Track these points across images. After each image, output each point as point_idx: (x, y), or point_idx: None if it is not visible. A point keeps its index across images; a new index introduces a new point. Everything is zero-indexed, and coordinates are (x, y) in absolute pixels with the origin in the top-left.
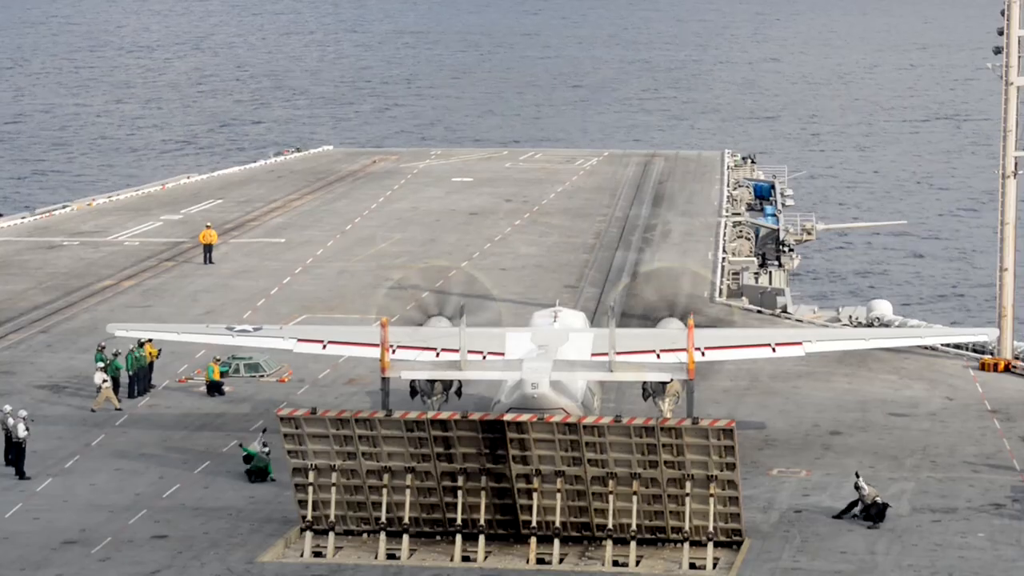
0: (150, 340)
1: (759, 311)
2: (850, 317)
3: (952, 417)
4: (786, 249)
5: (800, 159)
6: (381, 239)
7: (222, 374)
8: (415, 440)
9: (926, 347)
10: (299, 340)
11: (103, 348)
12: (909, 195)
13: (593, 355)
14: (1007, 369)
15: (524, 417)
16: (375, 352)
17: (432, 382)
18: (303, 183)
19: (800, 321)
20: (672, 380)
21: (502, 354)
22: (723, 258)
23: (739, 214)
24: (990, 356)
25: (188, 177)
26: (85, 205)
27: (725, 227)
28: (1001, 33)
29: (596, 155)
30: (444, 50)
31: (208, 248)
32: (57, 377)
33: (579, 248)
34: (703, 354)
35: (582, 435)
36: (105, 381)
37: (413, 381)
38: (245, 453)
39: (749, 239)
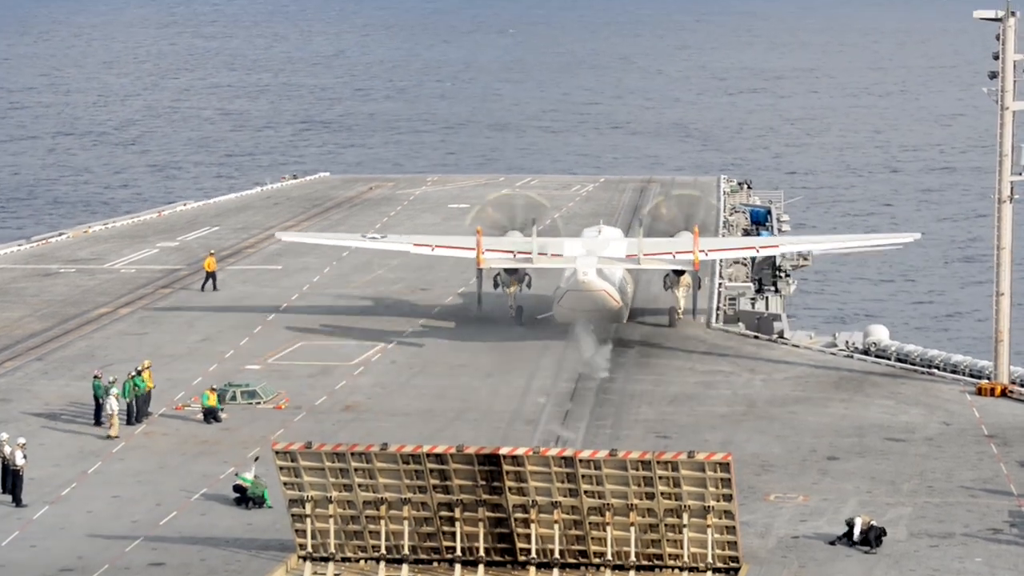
0: (148, 367)
1: (756, 336)
2: (847, 342)
3: (949, 442)
4: (782, 275)
5: (796, 184)
6: (378, 266)
7: (219, 399)
8: (411, 472)
9: (924, 371)
10: (415, 244)
11: (100, 376)
12: (905, 220)
13: (627, 256)
14: (1004, 394)
15: (520, 450)
16: (472, 253)
17: (510, 273)
18: (299, 210)
19: (797, 346)
20: (685, 273)
21: (560, 255)
22: (719, 284)
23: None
24: (987, 381)
25: (184, 204)
26: (81, 232)
27: None
28: (996, 58)
29: (592, 181)
30: (431, 77)
31: (210, 275)
32: (53, 404)
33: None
34: (706, 254)
35: (578, 468)
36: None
37: (496, 275)
38: (238, 482)
39: (745, 264)
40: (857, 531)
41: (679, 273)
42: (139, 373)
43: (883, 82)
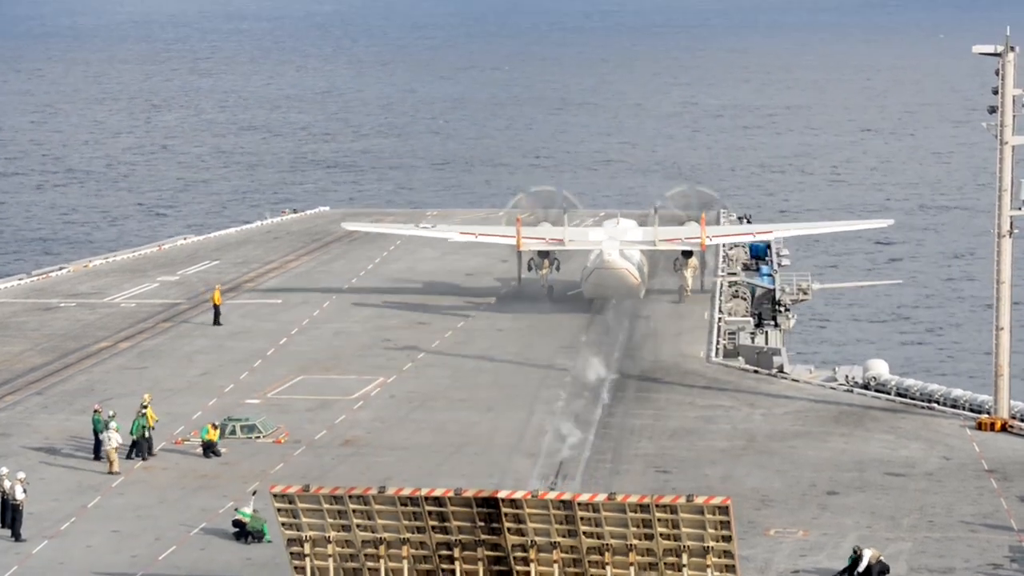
0: (149, 404)
1: (755, 371)
2: (847, 376)
3: (949, 477)
4: (782, 309)
5: (795, 219)
6: (377, 300)
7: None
8: (410, 514)
9: (923, 406)
10: (460, 232)
11: (99, 410)
12: (906, 255)
13: (643, 238)
14: (1004, 429)
15: (518, 494)
16: (512, 240)
17: (543, 256)
18: (299, 244)
19: (796, 381)
20: (693, 256)
21: (586, 238)
22: (719, 318)
23: (735, 274)
24: (987, 415)
25: (185, 238)
26: (81, 267)
27: (721, 287)
28: (996, 92)
29: (592, 215)
30: (424, 113)
31: (216, 309)
32: (53, 439)
33: (576, 310)
34: (710, 239)
35: (576, 511)
36: (112, 442)
37: (530, 260)
38: (237, 516)
39: (745, 299)
40: (864, 564)
41: (687, 255)
42: (144, 408)
43: (879, 119)
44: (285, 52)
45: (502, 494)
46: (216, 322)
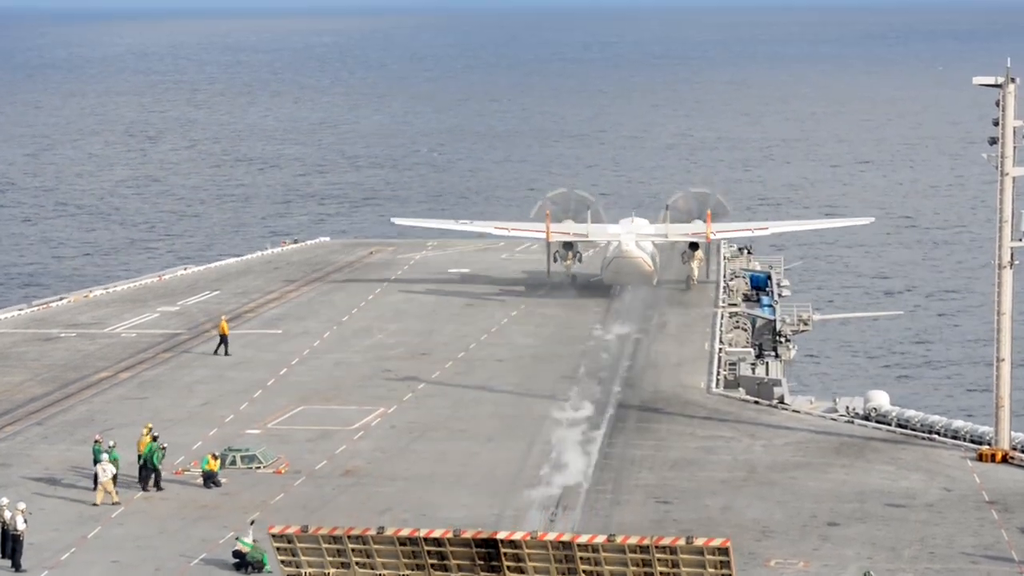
0: (149, 434)
1: (756, 401)
2: (847, 408)
3: (950, 508)
4: (783, 339)
5: (796, 250)
6: (377, 330)
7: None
8: (409, 553)
9: (924, 437)
10: (495, 227)
11: (100, 440)
12: (906, 286)
13: (656, 233)
14: (1005, 460)
15: (517, 535)
16: (541, 234)
17: (567, 248)
18: (299, 274)
19: (797, 412)
20: (699, 248)
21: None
22: (720, 349)
23: (735, 304)
24: (988, 447)
25: (185, 268)
26: (82, 297)
27: (722, 318)
28: (996, 124)
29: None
30: (422, 144)
31: (223, 339)
32: (53, 469)
33: (575, 339)
34: (714, 234)
35: (576, 552)
36: (107, 473)
37: (555, 252)
38: (238, 546)
39: (746, 330)
40: None
41: (694, 248)
42: (155, 439)
43: (876, 151)
44: (283, 84)
45: (501, 535)
46: (224, 352)
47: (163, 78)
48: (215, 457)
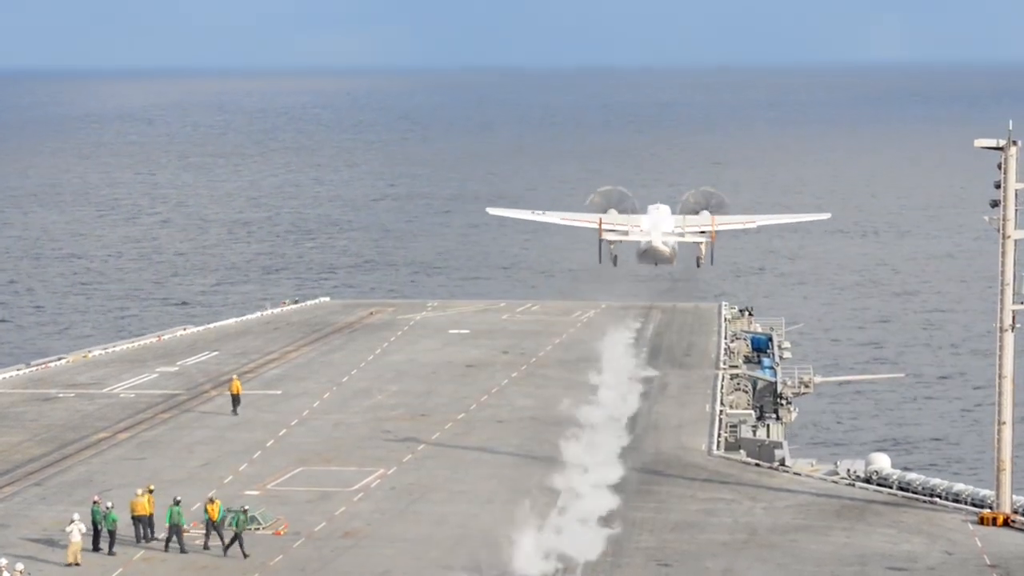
0: (150, 491)
1: (757, 464)
2: (848, 470)
3: (951, 572)
4: (784, 402)
5: (797, 313)
6: (377, 391)
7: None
8: None
9: (926, 500)
10: (561, 219)
11: (99, 501)
12: (907, 348)
13: (675, 227)
14: (1007, 523)
15: None
16: (595, 225)
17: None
18: (299, 335)
19: (798, 474)
20: (706, 234)
21: (639, 226)
22: (720, 411)
23: (736, 366)
24: (990, 510)
25: (184, 329)
26: (80, 357)
27: (723, 379)
28: (998, 186)
29: (594, 307)
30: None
31: (236, 398)
32: (51, 530)
33: (577, 401)
34: (714, 226)
35: None
36: (83, 532)
37: (601, 240)
38: None
39: (747, 392)
40: None
41: (702, 234)
42: (177, 503)
43: (875, 216)
44: (274, 145)
45: None
46: (234, 411)
47: (153, 139)
48: (212, 502)
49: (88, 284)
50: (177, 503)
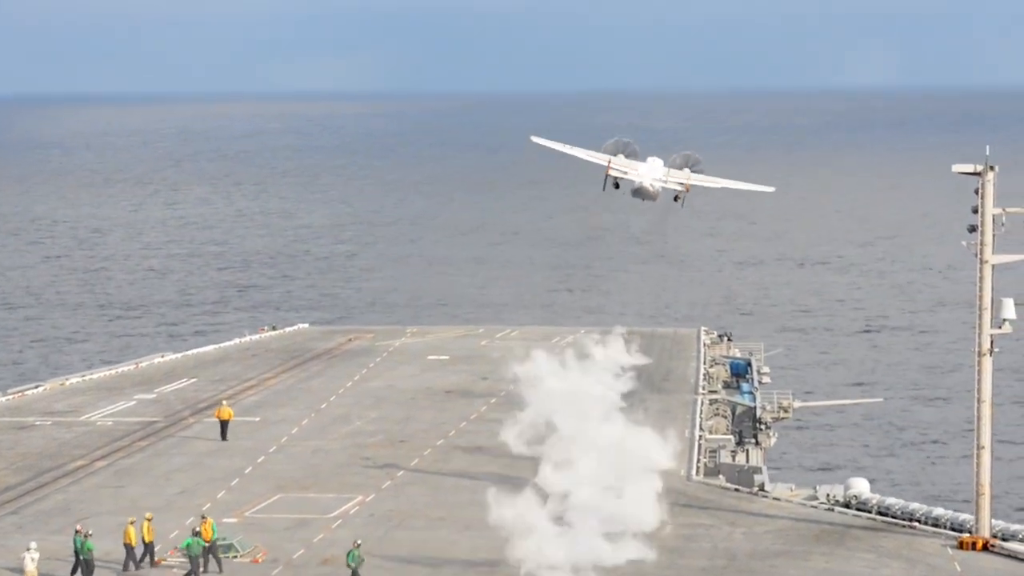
0: (149, 519)
1: (736, 489)
2: (827, 495)
3: None
4: (763, 427)
5: (776, 338)
6: (356, 418)
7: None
8: None
9: (905, 525)
10: (586, 154)
11: (80, 531)
12: (886, 373)
13: (662, 176)
14: (986, 548)
15: None
16: (605, 163)
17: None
18: (278, 361)
19: (777, 499)
20: (682, 190)
21: (637, 170)
22: (700, 436)
23: (715, 392)
24: (969, 535)
25: (162, 356)
26: (58, 384)
27: (702, 405)
28: (975, 211)
29: (573, 332)
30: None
31: (224, 424)
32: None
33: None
34: (689, 182)
35: None
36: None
37: (611, 177)
38: None
39: (726, 417)
40: None
41: (680, 184)
42: (196, 534)
43: (852, 241)
44: (260, 176)
45: None
46: (222, 436)
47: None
48: (205, 519)
49: (71, 308)
50: (196, 533)
